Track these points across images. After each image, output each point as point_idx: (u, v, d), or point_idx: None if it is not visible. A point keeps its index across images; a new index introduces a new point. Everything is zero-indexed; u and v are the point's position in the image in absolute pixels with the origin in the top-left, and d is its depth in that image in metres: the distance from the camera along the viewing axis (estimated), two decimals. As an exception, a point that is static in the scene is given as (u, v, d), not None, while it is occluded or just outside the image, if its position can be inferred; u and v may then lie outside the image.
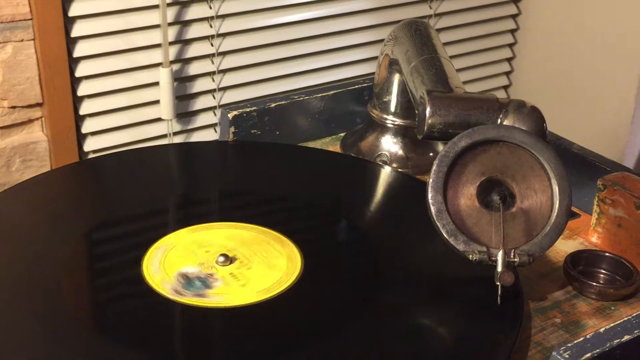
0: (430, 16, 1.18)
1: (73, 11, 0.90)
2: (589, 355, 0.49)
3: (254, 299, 0.58)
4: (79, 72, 0.93)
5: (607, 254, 0.66)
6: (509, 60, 1.32)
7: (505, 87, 1.35)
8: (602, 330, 0.52)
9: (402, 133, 0.80)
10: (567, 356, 0.49)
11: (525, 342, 0.57)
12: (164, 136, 1.01)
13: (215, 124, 1.05)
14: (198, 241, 0.63)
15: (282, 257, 0.63)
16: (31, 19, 0.87)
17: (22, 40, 0.87)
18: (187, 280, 0.59)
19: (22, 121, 0.91)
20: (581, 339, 0.51)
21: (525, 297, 0.60)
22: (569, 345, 0.50)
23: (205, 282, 0.59)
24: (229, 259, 0.60)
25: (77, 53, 0.92)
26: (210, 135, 1.05)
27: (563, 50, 1.23)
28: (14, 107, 0.90)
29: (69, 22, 0.91)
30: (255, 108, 0.80)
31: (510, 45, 1.31)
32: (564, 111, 1.22)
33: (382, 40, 1.13)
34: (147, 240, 0.63)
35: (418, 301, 0.59)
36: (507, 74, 1.34)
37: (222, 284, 0.59)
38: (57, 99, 0.91)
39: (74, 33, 0.91)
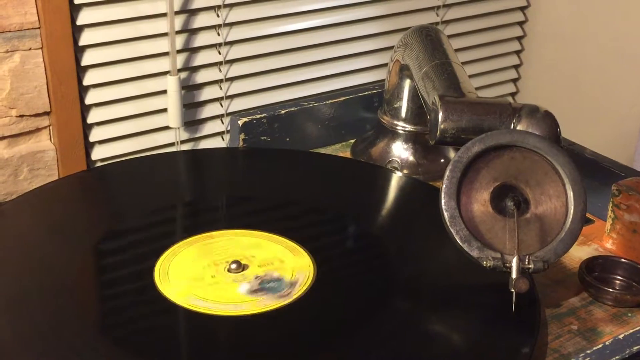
0: (437, 23, 1.18)
1: (81, 20, 0.90)
2: (609, 362, 0.49)
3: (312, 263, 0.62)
4: (87, 80, 0.93)
5: (622, 260, 0.65)
6: (516, 67, 1.32)
7: (513, 94, 1.34)
8: (621, 337, 0.51)
9: (412, 139, 0.79)
10: (587, 363, 0.48)
11: (542, 349, 0.57)
12: (171, 144, 1.01)
13: (223, 132, 1.05)
14: (188, 275, 0.61)
15: (252, 237, 0.64)
16: (39, 28, 0.87)
17: (30, 49, 0.87)
18: (265, 289, 0.59)
19: (30, 130, 0.91)
20: (600, 345, 0.50)
21: (540, 304, 0.59)
22: (588, 352, 0.49)
23: (270, 280, 0.60)
24: (240, 265, 0.60)
25: (85, 61, 0.92)
26: (217, 144, 1.05)
27: (570, 56, 1.23)
28: (21, 116, 0.89)
29: (77, 30, 0.91)
30: (265, 115, 0.80)
31: (518, 52, 1.31)
32: (571, 117, 1.21)
33: (389, 48, 1.13)
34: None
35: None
36: (514, 81, 1.33)
37: (278, 270, 0.61)
38: (65, 107, 0.91)
39: (82, 41, 0.91)
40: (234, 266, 0.60)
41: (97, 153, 0.96)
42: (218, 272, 0.61)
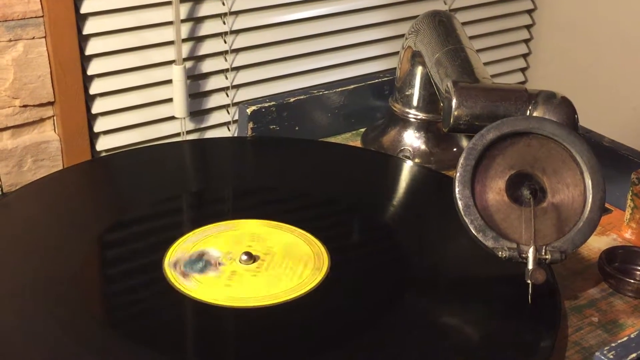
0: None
1: (85, 8, 0.89)
2: (634, 355, 0.47)
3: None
4: (91, 70, 0.91)
5: (643, 250, 0.63)
6: (524, 56, 1.30)
7: (522, 83, 1.32)
8: (646, 328, 0.50)
9: (425, 127, 0.78)
10: (612, 356, 0.47)
11: (562, 342, 0.55)
12: (177, 135, 1.00)
13: (229, 122, 1.04)
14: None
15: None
16: (42, 17, 0.86)
17: (33, 38, 0.86)
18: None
19: (34, 120, 0.89)
20: (625, 338, 0.48)
21: (560, 295, 0.58)
22: (613, 345, 0.48)
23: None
24: (252, 257, 0.59)
25: (89, 51, 0.90)
26: (223, 134, 1.04)
27: (579, 45, 1.21)
28: (25, 106, 0.88)
29: (81, 19, 0.89)
30: (274, 103, 0.78)
31: (526, 41, 1.29)
32: (582, 106, 1.19)
33: (398, 36, 1.12)
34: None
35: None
36: (523, 70, 1.32)
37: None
38: (69, 97, 0.90)
39: (86, 30, 0.90)
40: (244, 257, 0.58)
41: (102, 143, 0.95)
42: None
